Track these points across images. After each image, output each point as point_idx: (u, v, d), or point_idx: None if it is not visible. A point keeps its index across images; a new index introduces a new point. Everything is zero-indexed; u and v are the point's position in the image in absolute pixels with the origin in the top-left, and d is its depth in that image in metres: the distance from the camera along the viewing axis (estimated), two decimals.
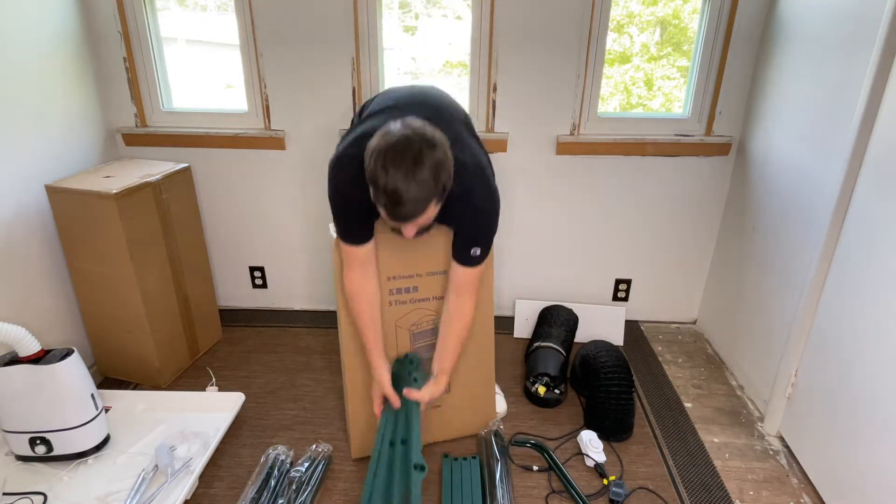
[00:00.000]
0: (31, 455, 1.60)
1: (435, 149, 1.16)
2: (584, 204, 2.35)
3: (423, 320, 1.66)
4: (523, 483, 1.66)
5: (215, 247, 2.48)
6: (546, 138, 2.23)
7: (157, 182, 1.92)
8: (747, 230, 2.13)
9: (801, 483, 1.69)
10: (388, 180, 1.14)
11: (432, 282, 1.62)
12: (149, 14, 2.13)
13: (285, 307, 2.61)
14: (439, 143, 1.18)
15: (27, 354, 1.53)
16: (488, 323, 1.72)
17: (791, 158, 1.86)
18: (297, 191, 2.36)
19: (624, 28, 2.26)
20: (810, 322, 1.71)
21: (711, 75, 2.15)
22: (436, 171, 1.16)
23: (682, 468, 1.73)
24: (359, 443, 1.71)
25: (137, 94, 2.23)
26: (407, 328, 1.64)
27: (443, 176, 1.18)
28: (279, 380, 2.10)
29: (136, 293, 1.89)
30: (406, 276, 1.59)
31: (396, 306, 1.62)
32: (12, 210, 1.76)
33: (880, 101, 1.44)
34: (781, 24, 1.93)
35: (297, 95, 2.20)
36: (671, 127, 2.23)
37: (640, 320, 2.57)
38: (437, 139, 1.18)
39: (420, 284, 1.61)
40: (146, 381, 2.05)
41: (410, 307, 1.63)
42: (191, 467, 1.60)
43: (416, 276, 1.60)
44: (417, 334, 1.67)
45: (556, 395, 1.97)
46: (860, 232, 1.50)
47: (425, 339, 1.67)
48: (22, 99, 1.80)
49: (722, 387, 2.13)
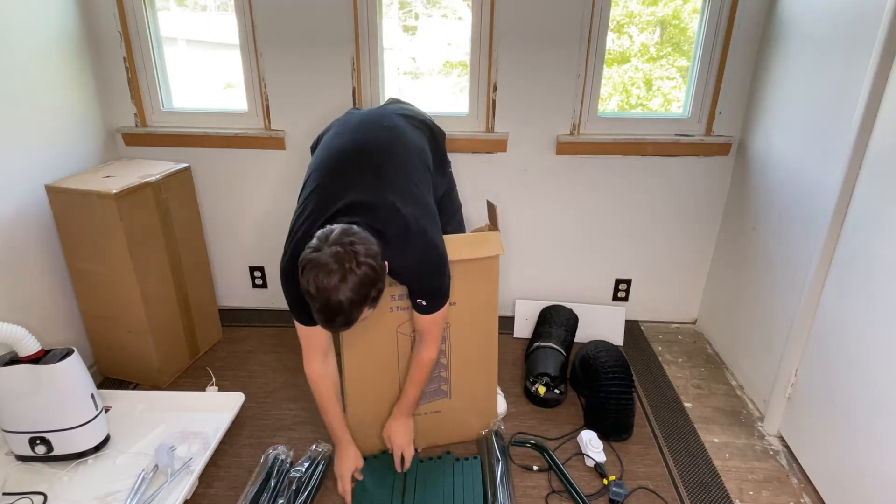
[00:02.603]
0: (31, 455, 1.60)
1: (360, 266, 1.19)
2: (584, 204, 2.35)
3: None
4: (523, 483, 1.66)
5: (215, 247, 2.48)
6: (546, 138, 2.23)
7: (157, 182, 1.92)
8: (747, 230, 2.13)
9: (801, 483, 1.69)
10: (319, 298, 1.19)
11: None
12: (149, 14, 2.13)
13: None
14: (363, 258, 1.20)
15: (27, 354, 1.53)
16: (492, 332, 1.70)
17: (791, 158, 1.86)
18: (296, 191, 2.34)
19: (624, 28, 2.26)
20: (810, 322, 1.71)
21: (711, 75, 2.15)
22: (364, 287, 1.20)
23: (682, 468, 1.73)
24: (358, 444, 1.71)
25: (137, 94, 2.23)
26: (408, 334, 1.63)
27: (372, 291, 1.23)
28: (279, 380, 2.10)
29: (136, 293, 1.89)
30: None
31: (397, 312, 1.59)
32: (12, 210, 1.76)
33: (880, 101, 1.44)
34: (781, 24, 1.93)
35: (297, 95, 2.20)
36: (671, 127, 2.23)
37: (640, 320, 2.57)
38: (361, 253, 1.20)
39: None
40: (146, 381, 2.05)
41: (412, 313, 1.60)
42: (191, 467, 1.60)
43: None
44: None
45: (556, 395, 1.97)
46: (860, 232, 1.50)
47: None
48: (22, 99, 1.80)
49: (722, 387, 2.13)
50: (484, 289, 1.63)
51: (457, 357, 1.69)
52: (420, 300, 1.47)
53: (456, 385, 1.72)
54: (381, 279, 1.25)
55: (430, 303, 1.47)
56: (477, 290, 1.62)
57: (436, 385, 1.71)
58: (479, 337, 1.68)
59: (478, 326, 1.67)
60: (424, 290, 1.46)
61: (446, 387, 1.72)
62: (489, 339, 1.71)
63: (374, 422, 1.71)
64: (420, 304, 1.48)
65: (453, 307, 1.62)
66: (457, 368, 1.70)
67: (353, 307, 1.20)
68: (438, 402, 1.73)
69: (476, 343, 1.69)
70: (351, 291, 1.18)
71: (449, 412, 1.75)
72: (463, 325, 1.65)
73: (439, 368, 1.69)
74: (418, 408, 1.71)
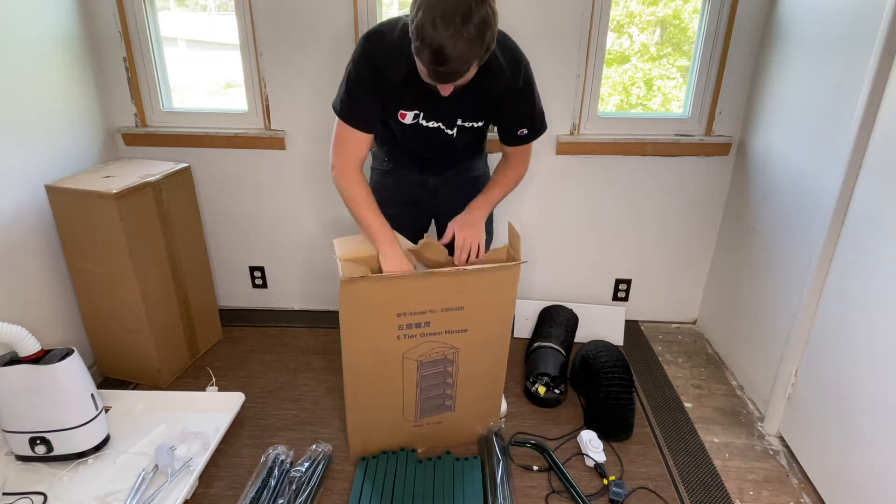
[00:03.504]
0: (31, 455, 1.60)
1: (483, 4, 1.15)
2: (584, 204, 2.35)
3: (433, 351, 1.59)
4: (523, 483, 1.66)
5: (215, 247, 2.48)
6: (546, 138, 2.23)
7: (157, 182, 1.92)
8: (747, 230, 2.13)
9: (801, 483, 1.69)
10: (435, 37, 1.13)
11: (446, 317, 1.52)
12: (149, 14, 2.13)
13: (285, 307, 2.61)
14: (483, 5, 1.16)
15: (27, 354, 1.53)
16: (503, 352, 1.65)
17: (791, 158, 1.86)
18: (297, 191, 2.36)
19: (624, 28, 2.26)
20: (810, 322, 1.71)
21: (711, 75, 2.15)
22: (482, 30, 1.15)
23: (682, 468, 1.73)
24: (360, 447, 1.71)
25: (137, 94, 2.23)
26: (415, 359, 1.58)
27: (487, 36, 1.18)
28: (279, 380, 2.10)
29: (136, 293, 1.89)
30: (419, 312, 1.50)
31: (405, 340, 1.53)
32: (12, 210, 1.76)
33: (880, 101, 1.44)
34: (781, 24, 1.93)
35: (297, 95, 2.20)
36: (671, 127, 2.24)
37: (640, 320, 2.57)
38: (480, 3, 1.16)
39: (433, 320, 1.52)
40: (146, 381, 2.05)
41: (420, 340, 1.55)
42: (191, 467, 1.59)
43: (430, 312, 1.50)
44: (426, 363, 1.60)
45: (556, 395, 1.97)
46: (860, 232, 1.50)
47: (435, 367, 1.61)
48: (22, 99, 1.80)
49: (722, 387, 2.13)
50: (498, 315, 1.57)
51: (465, 375, 1.65)
52: (521, 129, 1.51)
53: (461, 400, 1.70)
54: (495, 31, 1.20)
55: (530, 130, 1.53)
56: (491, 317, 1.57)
57: (440, 401, 1.68)
58: (490, 357, 1.64)
59: (489, 349, 1.63)
60: (525, 115, 1.50)
61: (451, 402, 1.70)
62: (499, 360, 1.66)
63: (376, 430, 1.68)
64: (520, 135, 1.52)
65: (465, 334, 1.57)
66: (464, 385, 1.67)
67: (468, 53, 1.15)
68: (442, 416, 1.72)
69: (486, 363, 1.65)
70: (475, 29, 1.13)
71: (452, 422, 1.74)
72: (474, 349, 1.61)
73: (445, 387, 1.66)
74: (419, 420, 1.69)
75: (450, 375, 1.64)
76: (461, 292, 1.49)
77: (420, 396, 1.65)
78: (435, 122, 1.50)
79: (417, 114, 1.48)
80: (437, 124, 1.50)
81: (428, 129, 1.51)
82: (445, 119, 1.50)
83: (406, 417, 1.68)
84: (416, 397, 1.65)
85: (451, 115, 1.49)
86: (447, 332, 1.55)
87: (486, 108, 1.50)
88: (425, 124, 1.50)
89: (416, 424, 1.70)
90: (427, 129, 1.51)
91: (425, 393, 1.65)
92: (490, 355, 1.64)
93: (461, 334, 1.56)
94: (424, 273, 1.46)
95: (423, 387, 1.64)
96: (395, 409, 1.66)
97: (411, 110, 1.47)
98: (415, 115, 1.48)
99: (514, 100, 1.47)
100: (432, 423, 1.72)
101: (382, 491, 1.58)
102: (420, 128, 1.51)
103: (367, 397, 1.61)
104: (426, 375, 1.62)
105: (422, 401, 1.66)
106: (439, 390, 1.65)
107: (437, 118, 1.49)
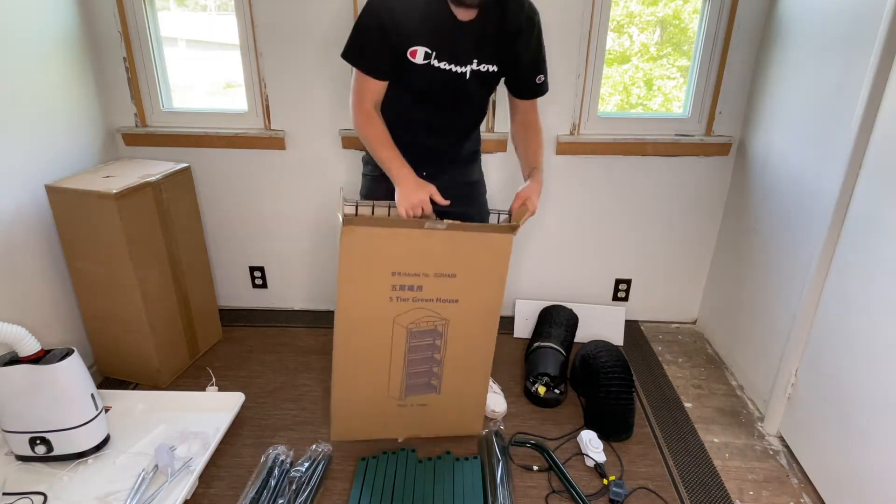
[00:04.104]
0: (31, 455, 1.60)
1: None
2: (584, 204, 2.35)
3: (424, 320, 1.63)
4: (523, 483, 1.66)
5: (215, 247, 2.48)
6: (546, 138, 2.21)
7: (157, 182, 1.92)
8: (747, 230, 2.13)
9: (801, 483, 1.69)
10: None
11: (439, 283, 1.57)
12: (149, 14, 2.13)
13: (285, 307, 2.61)
14: None
15: (27, 354, 1.53)
16: (491, 335, 1.68)
17: (791, 158, 1.86)
18: (297, 191, 2.36)
19: (624, 28, 2.26)
20: (810, 322, 1.71)
21: (711, 75, 2.15)
22: None
23: (682, 468, 1.73)
24: (343, 429, 1.72)
25: (137, 94, 2.23)
26: (405, 325, 1.62)
27: None
28: (279, 380, 2.10)
29: (136, 293, 1.89)
30: (412, 273, 1.55)
31: (397, 303, 1.58)
32: (12, 210, 1.76)
33: (880, 102, 1.44)
34: (781, 24, 1.93)
35: (297, 95, 2.20)
36: (671, 127, 2.24)
37: (640, 320, 2.57)
38: None
39: (425, 284, 1.58)
40: (146, 381, 2.05)
41: (412, 305, 1.60)
42: (191, 467, 1.59)
43: (423, 275, 1.55)
44: (416, 333, 1.64)
45: (556, 395, 1.97)
46: (860, 232, 1.51)
47: (424, 339, 1.65)
48: (22, 99, 1.80)
49: (722, 387, 2.13)
50: (488, 289, 1.61)
51: (452, 354, 1.68)
52: (539, 75, 1.56)
53: (447, 382, 1.72)
54: None
55: (545, 76, 1.59)
56: (482, 290, 1.61)
57: (426, 379, 1.70)
58: (478, 338, 1.68)
59: (478, 327, 1.66)
60: (542, 59, 1.56)
61: (437, 382, 1.71)
62: (487, 342, 1.70)
63: (360, 411, 1.71)
64: (538, 83, 1.57)
65: (456, 304, 1.61)
66: (450, 365, 1.69)
67: None
68: (426, 396, 1.73)
69: (473, 344, 1.68)
70: None
71: (435, 406, 1.75)
72: (463, 324, 1.64)
73: (431, 364, 1.68)
74: (404, 399, 1.71)
75: (438, 350, 1.66)
76: (455, 254, 1.53)
77: (407, 370, 1.67)
78: (447, 63, 1.48)
79: (429, 53, 1.46)
80: (449, 66, 1.48)
81: (439, 76, 1.49)
82: (459, 58, 1.48)
83: (391, 394, 1.70)
84: (403, 371, 1.67)
85: (466, 54, 1.48)
86: (438, 299, 1.60)
87: (503, 48, 1.50)
88: (437, 65, 1.47)
89: (401, 403, 1.71)
90: (438, 74, 1.48)
91: (412, 367, 1.67)
92: (478, 336, 1.66)
93: (452, 304, 1.60)
94: (421, 230, 1.48)
95: (411, 359, 1.66)
96: (381, 385, 1.68)
97: (423, 46, 1.45)
98: (426, 52, 1.45)
99: (531, 40, 1.51)
100: (416, 404, 1.73)
101: (382, 491, 1.58)
102: (431, 75, 1.48)
103: (354, 366, 1.64)
104: (415, 347, 1.65)
105: (408, 376, 1.68)
106: (426, 366, 1.67)
107: (449, 58, 1.47)
